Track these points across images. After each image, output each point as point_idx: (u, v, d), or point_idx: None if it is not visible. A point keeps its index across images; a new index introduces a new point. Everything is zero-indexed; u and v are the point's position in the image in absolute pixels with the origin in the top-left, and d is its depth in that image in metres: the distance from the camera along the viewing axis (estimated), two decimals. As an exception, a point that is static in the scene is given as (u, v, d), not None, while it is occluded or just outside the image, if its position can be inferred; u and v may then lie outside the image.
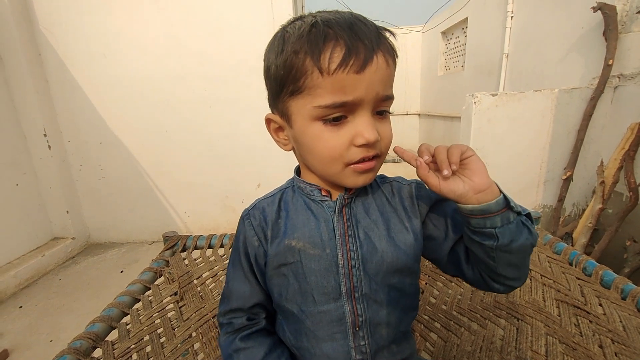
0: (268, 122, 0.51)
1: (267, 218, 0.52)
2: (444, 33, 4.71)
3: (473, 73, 3.84)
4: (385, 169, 0.52)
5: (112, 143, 2.81)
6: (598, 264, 0.87)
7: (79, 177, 2.89)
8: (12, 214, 2.44)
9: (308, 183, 0.52)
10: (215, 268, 1.02)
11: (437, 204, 0.53)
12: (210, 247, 1.12)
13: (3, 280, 2.18)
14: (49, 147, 2.65)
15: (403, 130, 5.87)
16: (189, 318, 0.80)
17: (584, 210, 2.10)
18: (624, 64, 1.89)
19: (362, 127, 0.42)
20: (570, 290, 0.81)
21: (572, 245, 2.02)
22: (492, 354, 0.66)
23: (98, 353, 0.69)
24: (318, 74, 0.40)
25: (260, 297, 0.55)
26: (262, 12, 2.57)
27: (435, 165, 0.44)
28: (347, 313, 0.49)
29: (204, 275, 0.98)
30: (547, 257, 0.97)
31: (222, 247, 1.12)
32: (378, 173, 0.52)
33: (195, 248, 1.11)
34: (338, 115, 0.42)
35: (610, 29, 1.87)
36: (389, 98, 0.45)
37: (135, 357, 0.69)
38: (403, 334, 0.54)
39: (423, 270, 0.96)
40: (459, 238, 0.51)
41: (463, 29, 4.15)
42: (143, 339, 0.74)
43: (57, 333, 1.81)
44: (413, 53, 5.63)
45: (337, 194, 0.51)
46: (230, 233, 1.14)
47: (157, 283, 0.95)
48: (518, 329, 0.71)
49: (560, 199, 2.12)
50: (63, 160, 2.79)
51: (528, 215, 0.45)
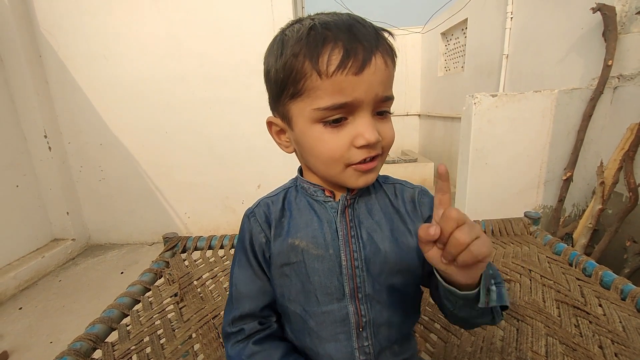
0: (269, 124, 0.51)
1: (271, 215, 0.52)
2: (444, 34, 4.71)
3: (473, 74, 3.84)
4: (385, 170, 0.52)
5: (112, 144, 2.81)
6: (598, 265, 0.87)
7: (79, 178, 2.89)
8: (12, 215, 2.44)
9: (312, 183, 0.52)
10: (216, 269, 1.02)
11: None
12: (211, 248, 1.12)
13: (3, 282, 2.18)
14: (49, 148, 2.65)
15: (403, 131, 5.87)
16: (189, 319, 0.80)
17: (584, 211, 2.10)
18: (624, 65, 1.90)
19: (362, 128, 0.42)
20: (570, 291, 0.81)
21: (572, 246, 2.02)
22: (492, 355, 0.66)
23: (98, 354, 0.69)
24: (317, 77, 0.40)
25: (272, 295, 0.53)
26: (262, 13, 2.58)
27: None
28: (350, 313, 0.49)
29: (204, 277, 0.98)
30: (547, 257, 0.97)
31: (222, 248, 1.12)
32: (380, 173, 0.52)
33: (196, 249, 1.12)
34: (338, 117, 0.42)
35: (610, 30, 1.87)
36: (389, 99, 0.45)
37: (136, 358, 0.69)
38: (405, 335, 0.54)
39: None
40: None
41: (463, 30, 4.16)
42: (143, 340, 0.74)
43: (57, 334, 1.81)
44: (413, 54, 5.63)
45: (340, 195, 0.51)
46: (231, 234, 1.15)
47: (157, 284, 0.95)
48: (518, 330, 0.71)
49: (560, 200, 2.12)
50: (63, 162, 2.79)
51: (503, 307, 0.42)
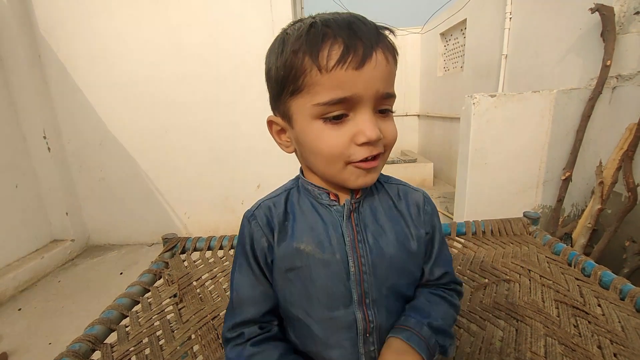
0: (270, 124, 0.50)
1: (274, 219, 0.50)
2: (443, 34, 4.72)
3: (472, 74, 3.85)
4: (385, 170, 0.51)
5: (111, 144, 2.81)
6: (597, 265, 0.87)
7: (79, 178, 2.89)
8: (11, 216, 2.44)
9: (315, 185, 0.51)
10: (215, 270, 1.02)
11: (432, 234, 0.55)
12: (210, 248, 1.11)
13: (2, 283, 2.17)
14: (49, 148, 2.65)
15: (402, 131, 5.88)
16: (189, 320, 0.80)
17: (583, 211, 2.10)
18: (622, 65, 1.90)
19: (363, 125, 0.42)
20: (569, 291, 0.81)
21: (571, 246, 2.02)
22: (491, 355, 0.66)
23: (97, 355, 0.69)
24: (317, 72, 0.40)
25: (274, 300, 0.52)
26: (261, 14, 2.58)
27: None
28: (358, 320, 0.48)
29: (204, 277, 0.98)
30: (546, 257, 0.97)
31: (221, 248, 1.12)
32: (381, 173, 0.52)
33: (195, 250, 1.11)
34: (339, 114, 0.42)
35: (608, 30, 1.88)
36: (391, 96, 0.44)
37: (135, 359, 0.69)
38: None
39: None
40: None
41: (462, 30, 4.16)
42: (142, 342, 0.73)
43: (56, 335, 1.80)
44: (412, 54, 5.64)
45: (344, 198, 0.50)
46: (230, 235, 1.14)
47: (156, 285, 0.94)
48: (517, 330, 0.71)
49: (559, 200, 2.12)
50: (63, 162, 2.79)
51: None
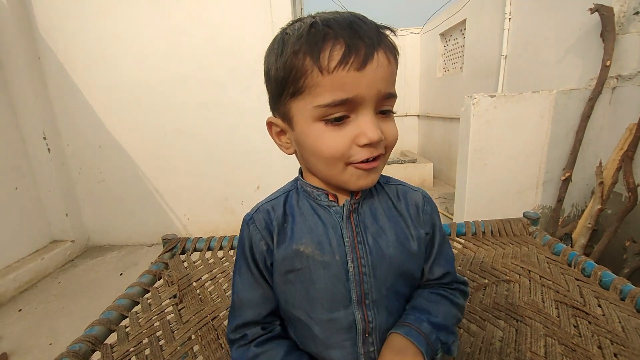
0: (269, 125, 0.50)
1: (273, 222, 0.50)
2: (443, 35, 4.72)
3: (471, 74, 3.85)
4: (384, 170, 0.51)
5: (111, 146, 2.82)
6: (597, 265, 0.87)
7: (78, 180, 2.89)
8: (11, 218, 2.44)
9: (315, 187, 0.50)
10: (215, 270, 1.02)
11: (432, 234, 0.55)
12: (210, 249, 1.11)
13: (2, 284, 2.18)
14: (49, 150, 2.65)
15: (402, 132, 5.87)
16: (189, 320, 0.80)
17: (583, 211, 2.10)
18: (622, 65, 1.90)
19: (364, 126, 0.41)
20: (569, 291, 0.81)
21: (571, 246, 2.02)
22: (491, 356, 0.65)
23: (97, 356, 0.69)
24: (318, 73, 0.40)
25: (274, 302, 0.52)
26: (260, 15, 2.59)
27: None
28: (358, 320, 0.48)
29: (203, 278, 0.98)
30: (546, 258, 0.97)
31: (221, 249, 1.12)
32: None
33: (195, 250, 1.11)
34: (340, 115, 0.41)
35: (608, 30, 1.88)
36: (392, 96, 0.44)
37: (134, 360, 0.69)
38: None
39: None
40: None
41: (461, 31, 4.17)
42: (142, 342, 0.73)
43: (56, 336, 1.81)
44: (412, 55, 5.64)
45: (343, 199, 0.50)
46: (230, 235, 1.14)
47: (156, 286, 0.94)
48: (517, 330, 0.71)
49: (559, 200, 2.12)
50: (62, 164, 2.79)
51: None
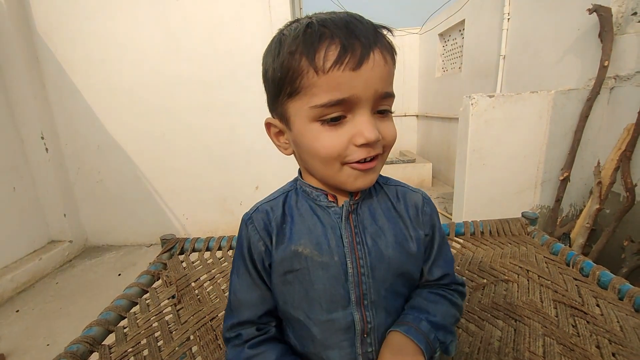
0: (268, 126, 0.50)
1: (272, 222, 0.50)
2: (442, 35, 4.73)
3: (470, 75, 3.86)
4: (383, 170, 0.51)
5: (109, 147, 2.81)
6: (595, 265, 0.87)
7: (76, 180, 2.88)
8: (9, 218, 2.44)
9: (314, 187, 0.50)
10: (213, 271, 1.01)
11: (431, 235, 0.54)
12: (208, 249, 1.11)
13: (0, 284, 2.17)
14: (47, 150, 2.64)
15: (401, 132, 5.89)
16: (187, 321, 0.80)
17: (582, 211, 2.11)
18: (620, 65, 1.91)
19: (361, 126, 0.41)
20: (568, 291, 0.82)
21: (569, 246, 2.02)
22: (489, 355, 0.66)
23: (95, 357, 0.69)
24: (314, 73, 0.39)
25: (271, 303, 0.52)
26: (259, 15, 2.58)
27: None
28: (356, 321, 0.48)
29: (202, 278, 0.98)
30: (544, 257, 0.97)
31: (220, 249, 1.11)
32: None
33: (193, 251, 1.11)
34: (336, 115, 0.41)
35: (606, 31, 1.88)
36: (389, 95, 0.44)
37: (133, 360, 0.69)
38: None
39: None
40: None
41: (460, 31, 4.17)
42: (140, 343, 0.73)
43: (54, 337, 1.80)
44: (411, 55, 5.65)
45: (342, 199, 0.50)
46: (229, 235, 1.14)
47: (154, 286, 0.94)
48: (516, 330, 0.71)
49: (558, 200, 2.12)
50: (60, 164, 2.78)
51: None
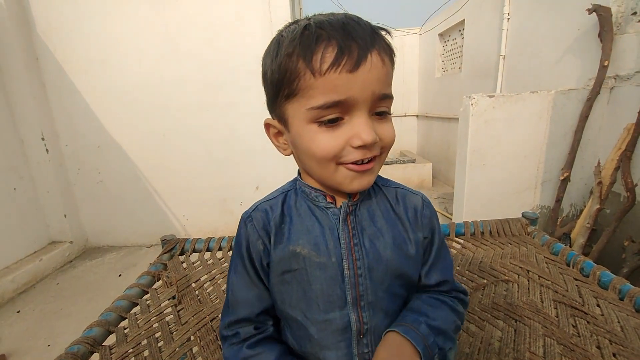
0: (267, 127, 0.50)
1: (270, 222, 0.50)
2: (441, 35, 4.73)
3: (470, 75, 3.86)
4: (383, 170, 0.51)
5: (110, 147, 2.81)
6: (595, 265, 0.87)
7: (77, 180, 2.88)
8: (9, 219, 2.44)
9: (313, 188, 0.51)
10: (214, 271, 1.01)
11: (430, 238, 0.54)
12: (209, 250, 1.11)
13: (0, 285, 2.17)
14: (47, 151, 2.64)
15: (401, 132, 5.89)
16: (187, 322, 0.80)
17: (582, 211, 2.11)
18: (620, 65, 1.91)
19: (358, 127, 0.41)
20: (568, 291, 0.81)
21: (570, 246, 2.02)
22: (489, 356, 0.66)
23: (96, 358, 0.69)
24: (310, 75, 0.40)
25: (269, 302, 0.52)
26: (259, 16, 2.58)
27: None
28: (352, 321, 0.48)
29: (202, 279, 0.98)
30: (544, 258, 0.97)
31: (220, 250, 1.12)
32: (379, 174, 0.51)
33: (194, 251, 1.11)
34: (334, 117, 0.41)
35: (606, 31, 1.88)
36: (387, 97, 0.44)
37: (133, 361, 0.69)
38: None
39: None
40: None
41: (460, 31, 4.17)
42: (141, 343, 0.73)
43: (54, 338, 1.80)
44: (411, 55, 5.65)
45: (341, 200, 0.50)
46: (229, 236, 1.14)
47: (155, 287, 0.94)
48: (516, 331, 0.71)
49: (558, 200, 2.12)
50: (60, 164, 2.79)
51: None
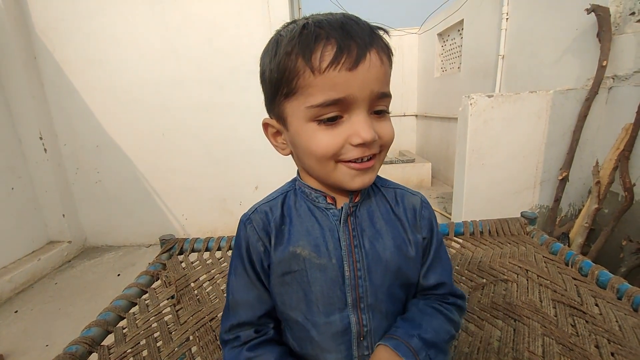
0: (265, 126, 0.50)
1: (271, 223, 0.50)
2: (440, 35, 4.73)
3: (469, 74, 3.86)
4: (383, 170, 0.51)
5: (108, 147, 2.80)
6: (594, 264, 0.87)
7: (75, 180, 2.87)
8: (7, 218, 2.43)
9: (313, 188, 0.50)
10: (213, 271, 1.01)
11: (429, 239, 0.54)
12: (208, 250, 1.11)
13: (-2, 285, 2.16)
14: (45, 150, 2.64)
15: (400, 132, 5.90)
16: (186, 321, 0.80)
17: (580, 211, 2.11)
18: (618, 65, 1.91)
19: (358, 126, 0.42)
20: (567, 291, 0.82)
21: (568, 246, 2.03)
22: (489, 355, 0.66)
23: (94, 358, 0.69)
24: (310, 74, 0.40)
25: (269, 304, 0.52)
26: (259, 16, 2.58)
27: None
28: (352, 323, 0.48)
29: (201, 279, 0.98)
30: (543, 257, 0.97)
31: (219, 249, 1.11)
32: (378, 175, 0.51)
33: (193, 251, 1.11)
34: (333, 116, 0.42)
35: (604, 31, 1.89)
36: (386, 96, 0.44)
37: (132, 361, 0.69)
38: None
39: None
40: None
41: (459, 31, 4.18)
42: (139, 343, 0.73)
43: (53, 338, 1.80)
44: (410, 55, 5.65)
45: (341, 201, 0.50)
46: (228, 236, 1.14)
47: (154, 286, 0.94)
48: (515, 330, 0.71)
49: (557, 199, 2.13)
50: (59, 164, 2.78)
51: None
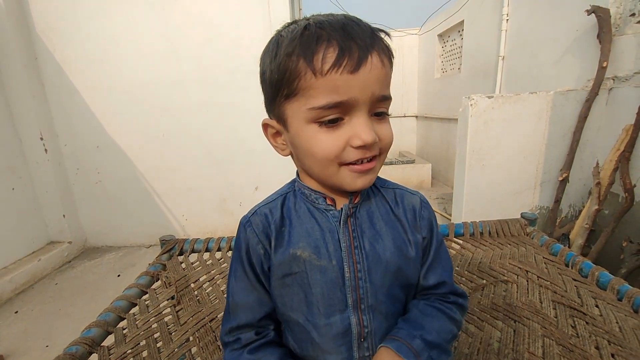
0: (265, 127, 0.50)
1: (271, 225, 0.50)
2: (441, 36, 4.73)
3: (469, 75, 3.86)
4: (383, 171, 0.51)
5: (109, 147, 2.80)
6: (594, 265, 0.87)
7: (76, 180, 2.88)
8: (7, 219, 2.43)
9: (313, 190, 0.50)
10: (213, 272, 1.01)
11: (428, 239, 0.54)
12: (208, 250, 1.11)
13: (-2, 285, 2.16)
14: (45, 150, 2.64)
15: (401, 133, 5.89)
16: (186, 322, 0.80)
17: (581, 212, 2.11)
18: (618, 66, 1.91)
19: (358, 128, 0.42)
20: (567, 292, 0.82)
21: (569, 247, 2.03)
22: (489, 356, 0.66)
23: (94, 358, 0.69)
24: (311, 75, 0.40)
25: (270, 306, 0.52)
26: (259, 16, 2.58)
27: None
28: (353, 325, 0.48)
29: (201, 279, 0.98)
30: (543, 258, 0.97)
31: (219, 250, 1.11)
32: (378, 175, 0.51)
33: (193, 252, 1.11)
34: (334, 118, 0.42)
35: (604, 32, 1.89)
36: (386, 98, 0.44)
37: (132, 362, 0.69)
38: None
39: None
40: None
41: (459, 32, 4.18)
42: (140, 344, 0.73)
43: (53, 338, 1.80)
44: (410, 55, 5.66)
45: (341, 202, 0.50)
46: (228, 236, 1.14)
47: (154, 287, 0.94)
48: (515, 331, 0.71)
49: (557, 200, 2.13)
50: (59, 164, 2.78)
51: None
